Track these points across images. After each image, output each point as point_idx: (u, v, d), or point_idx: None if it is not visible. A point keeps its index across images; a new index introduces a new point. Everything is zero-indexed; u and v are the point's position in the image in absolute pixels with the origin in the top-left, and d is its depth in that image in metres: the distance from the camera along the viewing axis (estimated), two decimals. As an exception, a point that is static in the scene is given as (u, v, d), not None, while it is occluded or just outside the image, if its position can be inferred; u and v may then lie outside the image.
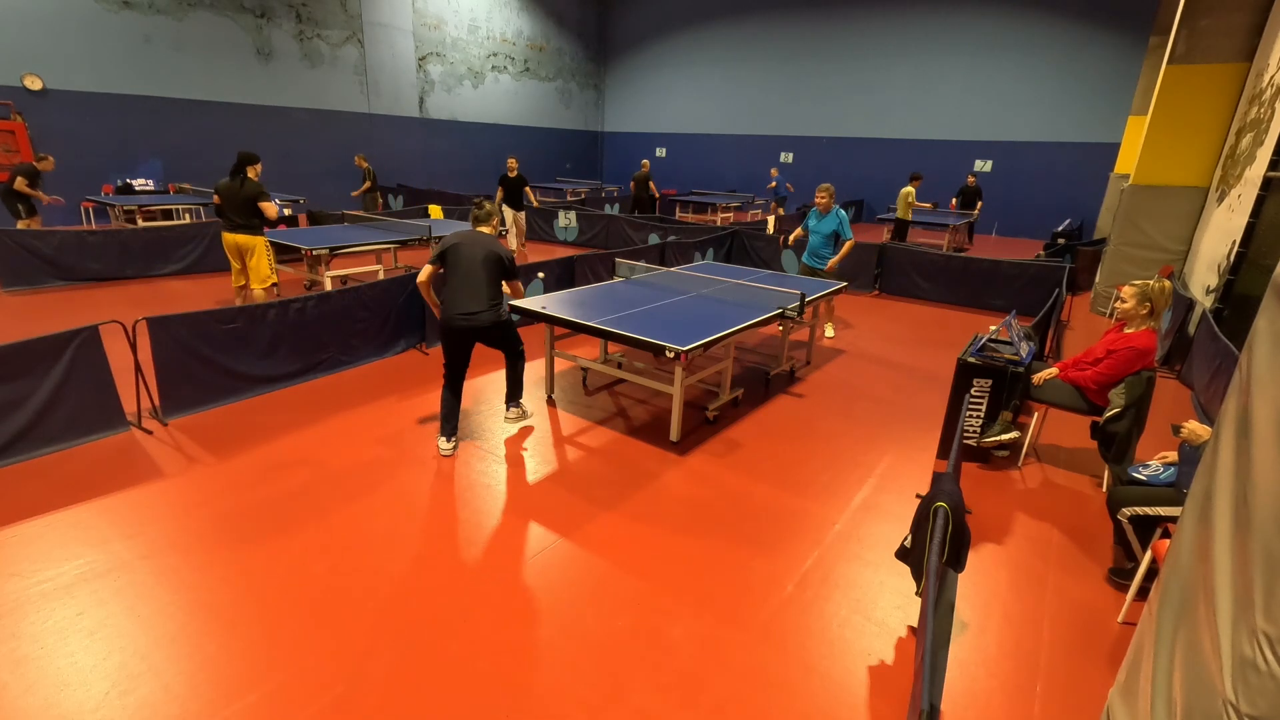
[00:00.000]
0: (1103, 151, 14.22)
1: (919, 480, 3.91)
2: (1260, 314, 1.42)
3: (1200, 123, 7.30)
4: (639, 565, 2.99)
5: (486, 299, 3.89)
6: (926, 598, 2.01)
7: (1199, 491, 1.61)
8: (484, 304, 3.88)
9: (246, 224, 5.71)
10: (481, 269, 3.87)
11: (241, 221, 5.70)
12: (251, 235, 5.76)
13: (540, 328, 4.64)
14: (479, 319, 3.88)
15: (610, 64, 21.83)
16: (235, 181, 5.65)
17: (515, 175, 10.00)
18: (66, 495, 3.35)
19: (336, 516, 3.28)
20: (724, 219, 15.20)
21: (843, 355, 6.31)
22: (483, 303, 3.88)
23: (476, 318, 3.87)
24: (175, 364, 4.26)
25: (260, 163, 5.83)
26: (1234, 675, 1.27)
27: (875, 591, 2.88)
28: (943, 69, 15.98)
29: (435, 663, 2.38)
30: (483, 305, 3.88)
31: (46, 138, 10.75)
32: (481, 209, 4.04)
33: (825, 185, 6.34)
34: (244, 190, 5.61)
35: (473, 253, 3.88)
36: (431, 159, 17.15)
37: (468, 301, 3.86)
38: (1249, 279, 5.77)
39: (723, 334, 4.12)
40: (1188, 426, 2.69)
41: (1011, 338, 4.22)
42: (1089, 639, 2.64)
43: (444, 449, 4.01)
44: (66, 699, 2.18)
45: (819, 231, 6.39)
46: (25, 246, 7.17)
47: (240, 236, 5.74)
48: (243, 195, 5.61)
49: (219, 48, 12.69)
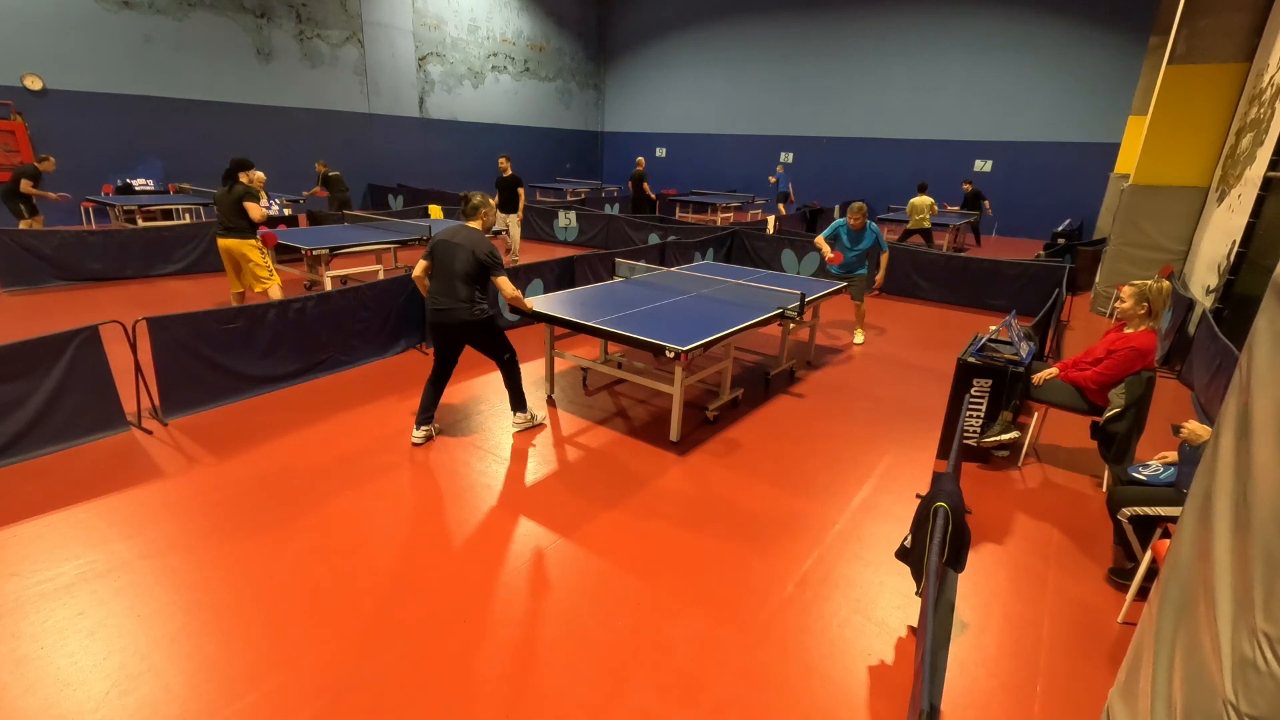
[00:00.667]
0: (1103, 151, 14.22)
1: (919, 480, 3.91)
2: (1260, 314, 1.42)
3: (1200, 123, 7.30)
4: (639, 565, 2.99)
5: (460, 295, 3.83)
6: (926, 598, 2.01)
7: (1199, 491, 1.61)
8: (456, 300, 3.83)
9: (235, 226, 5.69)
10: (457, 264, 3.81)
11: (231, 225, 5.69)
12: (240, 238, 5.74)
13: (540, 328, 4.64)
14: (451, 315, 3.84)
15: (610, 64, 21.83)
16: (226, 188, 5.67)
17: (509, 175, 9.49)
18: (66, 495, 3.35)
19: (336, 516, 3.28)
20: (724, 219, 15.20)
21: (842, 355, 6.31)
22: (455, 299, 3.83)
23: (448, 314, 3.84)
24: (175, 364, 4.26)
25: (253, 168, 5.81)
26: (1234, 675, 1.27)
27: (875, 591, 2.88)
28: (943, 69, 15.98)
29: (435, 662, 2.38)
30: (455, 301, 3.83)
31: (46, 138, 10.75)
32: (469, 202, 4.00)
33: (859, 204, 6.27)
34: (232, 194, 5.62)
35: (452, 249, 3.84)
36: (431, 159, 17.14)
37: (441, 296, 3.85)
38: (1249, 279, 5.77)
39: (723, 334, 4.12)
40: (1188, 426, 2.69)
41: (1011, 338, 4.22)
42: (1089, 639, 2.64)
43: (415, 438, 4.06)
44: (66, 699, 2.18)
45: (858, 250, 6.34)
46: (25, 246, 7.17)
47: (230, 241, 5.73)
48: (231, 198, 5.62)
49: (219, 48, 12.69)
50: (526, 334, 6.38)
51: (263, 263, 5.89)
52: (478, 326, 3.94)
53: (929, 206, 11.21)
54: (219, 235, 5.79)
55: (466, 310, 3.85)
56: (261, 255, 5.89)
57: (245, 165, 5.73)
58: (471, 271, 3.83)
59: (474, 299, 3.87)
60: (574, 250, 11.17)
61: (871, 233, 6.29)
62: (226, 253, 5.81)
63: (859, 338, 6.78)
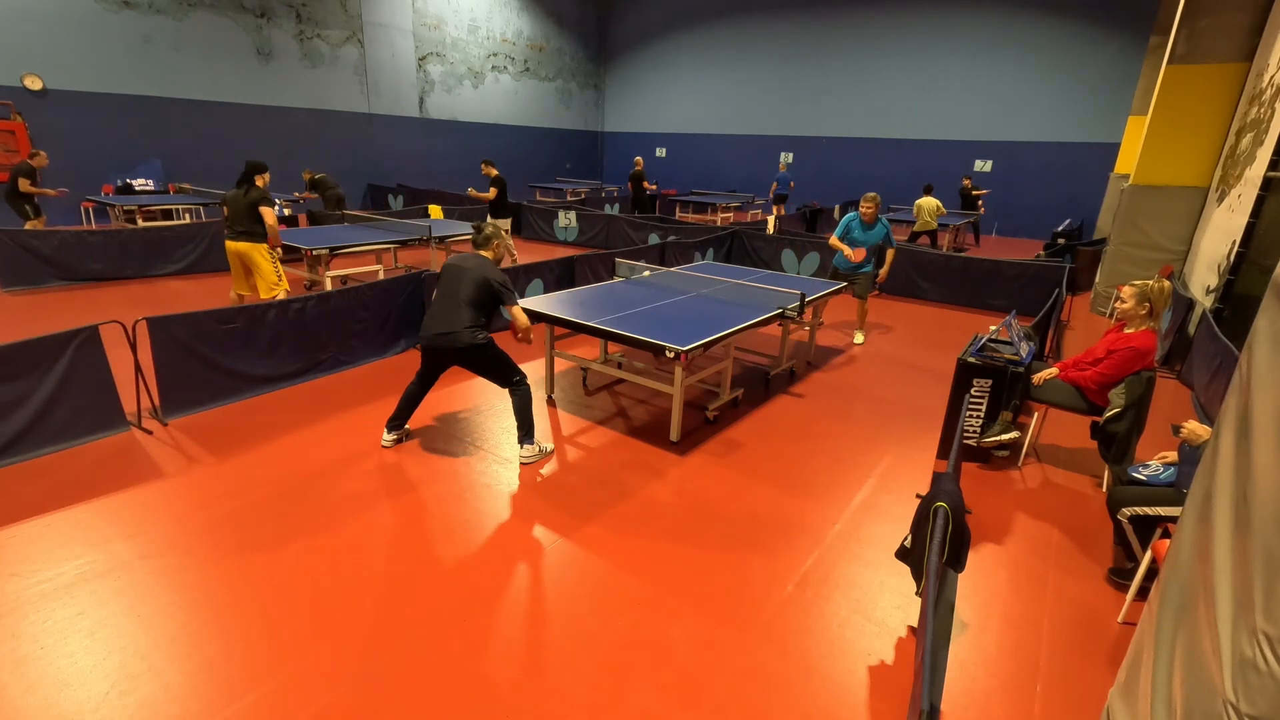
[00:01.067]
0: (1103, 151, 14.22)
1: (919, 480, 3.91)
2: (1260, 314, 1.42)
3: (1200, 123, 7.30)
4: (639, 565, 2.99)
5: (463, 320, 3.70)
6: (926, 598, 2.01)
7: (1199, 491, 1.61)
8: (459, 325, 3.69)
9: (248, 231, 5.66)
10: (464, 287, 3.71)
11: (243, 229, 5.65)
12: (252, 243, 5.73)
13: (540, 328, 4.63)
14: (453, 340, 3.70)
15: (610, 64, 21.83)
16: (241, 190, 5.63)
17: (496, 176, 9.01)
18: (66, 495, 3.35)
19: (336, 516, 3.28)
20: (724, 219, 15.20)
21: (843, 355, 6.31)
22: (456, 324, 3.69)
23: (448, 338, 3.70)
24: (175, 364, 4.26)
25: (268, 171, 5.79)
26: (1234, 675, 1.27)
27: (875, 591, 2.88)
28: (943, 69, 15.99)
29: (435, 662, 2.38)
30: (457, 326, 3.69)
31: (46, 138, 10.75)
32: (480, 233, 3.95)
33: (871, 195, 6.08)
34: (248, 197, 5.59)
35: (460, 273, 3.76)
36: (431, 159, 17.15)
37: (440, 320, 3.73)
38: (1249, 279, 5.77)
39: (723, 334, 4.12)
40: (1188, 426, 2.69)
41: (1011, 338, 4.22)
42: (1089, 639, 2.64)
43: (384, 440, 4.01)
44: (66, 699, 2.18)
45: (867, 243, 6.17)
46: (25, 246, 7.17)
47: (241, 244, 5.70)
48: (245, 202, 5.59)
49: (219, 48, 12.69)
50: (526, 334, 6.36)
51: (273, 269, 5.85)
52: (478, 351, 3.79)
53: (936, 208, 11.18)
54: (229, 238, 5.74)
55: (469, 334, 3.71)
56: (272, 262, 5.87)
57: (261, 168, 5.68)
58: (480, 298, 3.74)
59: (477, 324, 3.75)
60: (574, 250, 11.17)
61: (883, 226, 6.20)
62: (236, 256, 5.78)
63: (859, 338, 6.72)
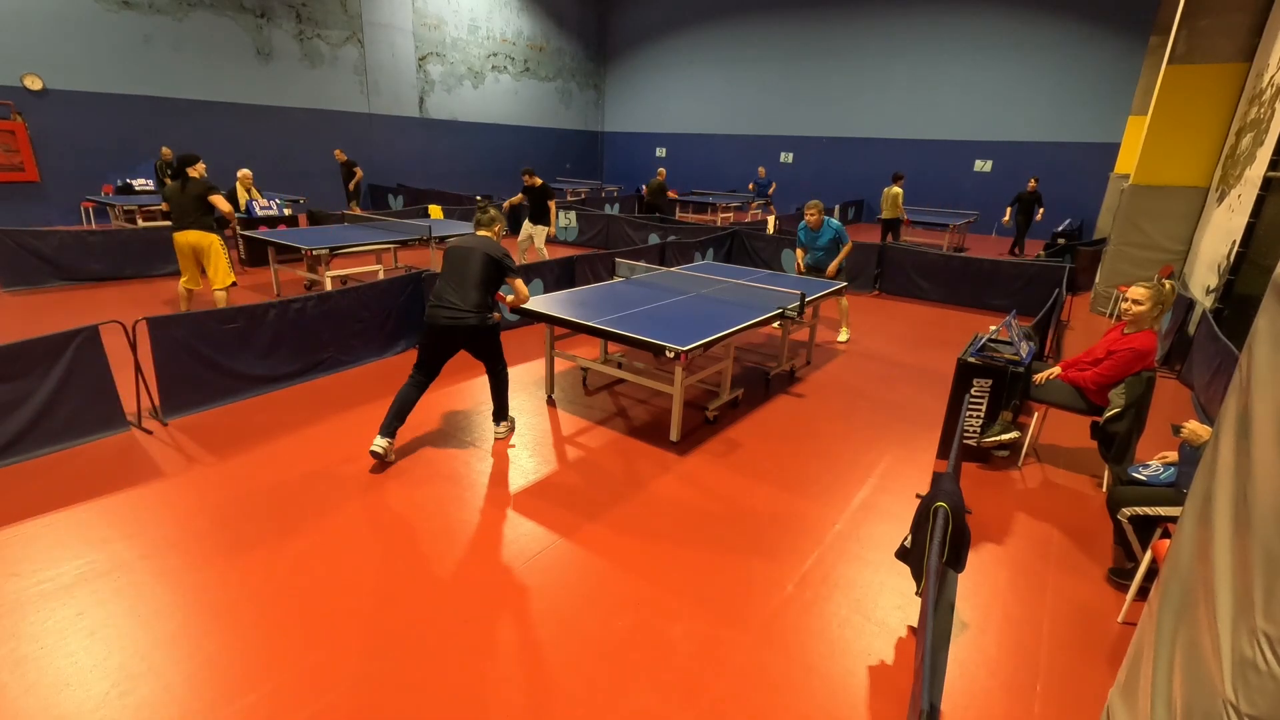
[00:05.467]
0: (1103, 151, 14.22)
1: (919, 480, 3.91)
2: (1260, 314, 1.42)
3: (1200, 123, 7.30)
4: (639, 565, 2.99)
5: (472, 301, 3.74)
6: (926, 598, 2.01)
7: (1199, 491, 1.61)
8: (468, 306, 3.73)
9: (198, 221, 5.65)
10: (471, 267, 3.74)
11: (193, 221, 5.64)
12: (206, 232, 5.69)
13: (540, 328, 4.63)
14: (462, 320, 3.73)
15: (610, 64, 21.83)
16: (178, 184, 5.63)
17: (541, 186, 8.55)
18: (66, 495, 3.35)
19: (336, 517, 3.28)
20: (724, 219, 15.20)
21: (843, 355, 6.31)
22: (466, 305, 3.73)
23: (458, 319, 3.73)
24: (175, 364, 4.26)
25: (201, 161, 5.80)
26: (1234, 675, 1.27)
27: (875, 591, 2.88)
28: (943, 69, 15.99)
29: (435, 663, 2.38)
30: (466, 307, 3.73)
31: (46, 138, 10.76)
32: (485, 212, 3.96)
33: (814, 202, 6.33)
34: (190, 190, 5.57)
35: (466, 253, 3.79)
36: (431, 159, 17.14)
37: (449, 300, 3.74)
38: (1249, 279, 5.77)
39: (723, 334, 4.12)
40: (1188, 426, 2.69)
41: (1011, 338, 4.22)
42: (1089, 639, 2.64)
43: (376, 446, 3.73)
44: (66, 699, 2.18)
45: (818, 247, 6.39)
46: (25, 246, 7.17)
47: (192, 234, 5.65)
48: (191, 194, 5.58)
49: (219, 48, 12.69)
50: (526, 334, 6.38)
51: (227, 261, 5.84)
52: (486, 334, 3.85)
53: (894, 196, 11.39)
54: (178, 230, 5.70)
55: (478, 317, 3.75)
56: (225, 251, 5.84)
57: (193, 160, 5.71)
58: (487, 276, 3.76)
59: (486, 305, 3.79)
60: (574, 250, 11.16)
61: (830, 228, 6.32)
62: (189, 247, 5.75)
63: (843, 335, 6.80)
